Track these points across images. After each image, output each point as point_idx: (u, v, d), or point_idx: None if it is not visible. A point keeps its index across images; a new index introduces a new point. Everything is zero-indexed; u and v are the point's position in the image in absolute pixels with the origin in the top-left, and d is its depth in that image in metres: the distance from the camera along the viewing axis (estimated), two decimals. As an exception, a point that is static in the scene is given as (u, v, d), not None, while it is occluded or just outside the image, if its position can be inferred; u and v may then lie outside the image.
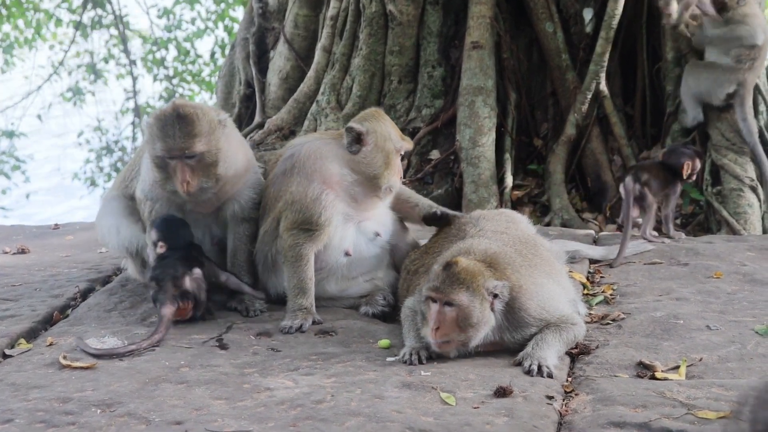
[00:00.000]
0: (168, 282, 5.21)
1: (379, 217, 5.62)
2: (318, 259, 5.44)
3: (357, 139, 5.43)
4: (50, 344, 4.92)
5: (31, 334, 5.15)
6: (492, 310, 4.62)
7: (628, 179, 6.75)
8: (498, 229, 5.25)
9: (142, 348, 4.85)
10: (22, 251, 6.92)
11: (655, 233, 6.83)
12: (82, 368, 4.57)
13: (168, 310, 5.15)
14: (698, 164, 6.88)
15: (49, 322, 5.35)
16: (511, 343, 4.74)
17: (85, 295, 5.82)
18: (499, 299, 4.62)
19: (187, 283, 5.25)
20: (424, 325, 4.66)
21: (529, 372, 4.49)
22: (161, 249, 5.38)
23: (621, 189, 6.89)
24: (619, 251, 6.36)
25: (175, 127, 5.22)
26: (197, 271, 5.29)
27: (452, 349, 4.66)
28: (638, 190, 6.72)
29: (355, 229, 5.51)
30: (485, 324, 4.61)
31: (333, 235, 5.41)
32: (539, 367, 4.50)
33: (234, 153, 5.45)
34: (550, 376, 4.47)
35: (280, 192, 5.48)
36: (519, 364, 4.59)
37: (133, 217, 5.68)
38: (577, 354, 4.81)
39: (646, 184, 6.73)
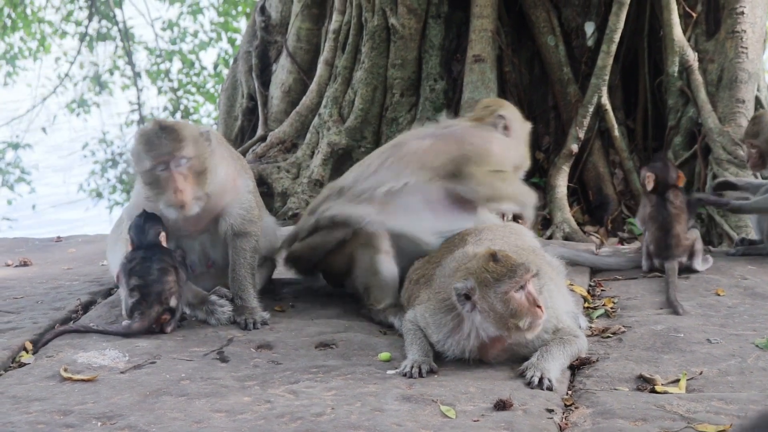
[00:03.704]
0: (154, 299, 5.22)
1: None
2: None
3: (506, 126, 6.04)
4: (51, 357, 4.93)
5: (33, 347, 5.15)
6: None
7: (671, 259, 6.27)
8: (503, 240, 5.26)
9: (103, 330, 5.18)
10: (25, 264, 6.93)
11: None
12: (83, 380, 4.58)
13: (141, 326, 5.18)
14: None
15: (50, 334, 5.36)
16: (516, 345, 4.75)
17: (86, 307, 5.83)
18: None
19: (173, 301, 5.27)
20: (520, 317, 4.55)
21: (530, 383, 4.49)
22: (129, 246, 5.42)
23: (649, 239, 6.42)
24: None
25: (161, 137, 5.29)
26: (175, 288, 5.32)
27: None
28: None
29: None
30: None
31: None
32: (540, 380, 4.49)
33: (220, 165, 5.49)
34: (549, 389, 4.47)
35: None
36: (522, 374, 4.59)
37: None
38: (578, 365, 4.82)
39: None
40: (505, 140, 6.08)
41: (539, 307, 4.54)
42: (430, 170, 5.79)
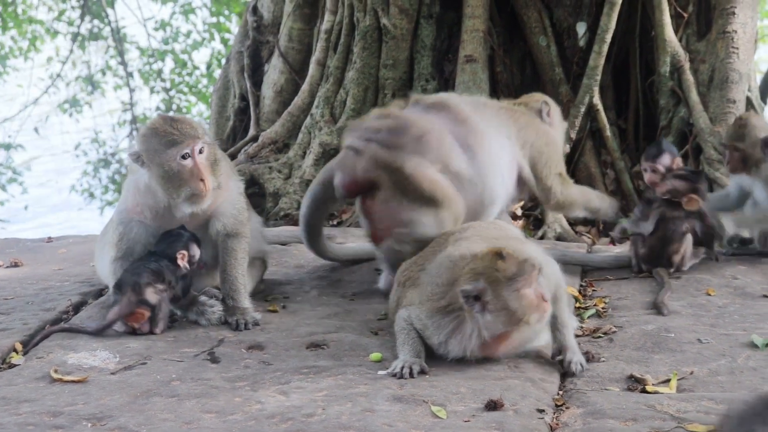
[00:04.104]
0: (128, 288, 5.21)
1: None
2: None
3: (548, 113, 6.40)
4: (41, 358, 4.92)
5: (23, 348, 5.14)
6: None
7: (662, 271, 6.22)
8: (489, 236, 5.27)
9: (75, 327, 5.19)
10: (15, 264, 6.90)
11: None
12: (73, 382, 4.57)
13: (113, 315, 5.16)
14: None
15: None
16: None
17: (77, 308, 5.82)
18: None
19: (149, 293, 5.24)
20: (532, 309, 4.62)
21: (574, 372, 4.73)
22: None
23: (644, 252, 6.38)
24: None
25: (176, 127, 5.29)
26: (160, 286, 5.31)
27: None
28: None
29: None
30: None
31: None
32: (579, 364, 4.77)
33: (222, 160, 5.54)
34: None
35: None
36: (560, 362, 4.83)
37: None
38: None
39: None
40: (555, 134, 6.45)
41: (546, 300, 4.62)
42: (511, 128, 6.17)
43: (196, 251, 5.48)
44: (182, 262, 5.39)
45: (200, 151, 5.30)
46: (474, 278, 4.59)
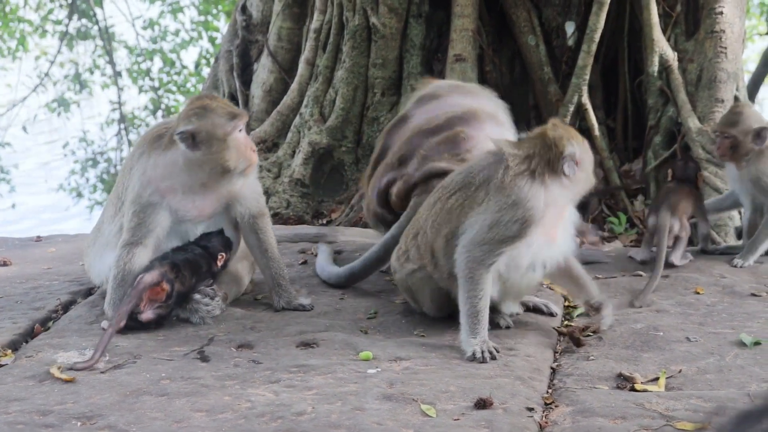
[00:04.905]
0: (167, 263, 5.22)
1: None
2: None
3: None
4: (31, 357, 4.91)
5: (12, 347, 5.13)
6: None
7: (664, 215, 6.33)
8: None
9: (115, 329, 4.97)
10: (4, 263, 6.89)
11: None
12: (62, 381, 4.57)
13: (150, 279, 5.15)
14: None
15: (30, 334, 5.33)
16: None
17: (66, 307, 5.81)
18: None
19: (178, 281, 5.24)
20: None
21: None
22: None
23: (652, 222, 6.43)
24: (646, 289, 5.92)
25: (223, 104, 5.39)
26: (186, 281, 5.32)
27: None
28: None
29: None
30: None
31: None
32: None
33: None
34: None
35: None
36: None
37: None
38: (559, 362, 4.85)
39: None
40: None
41: None
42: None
43: (227, 253, 5.54)
44: (220, 262, 5.44)
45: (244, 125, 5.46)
46: (568, 142, 4.87)
